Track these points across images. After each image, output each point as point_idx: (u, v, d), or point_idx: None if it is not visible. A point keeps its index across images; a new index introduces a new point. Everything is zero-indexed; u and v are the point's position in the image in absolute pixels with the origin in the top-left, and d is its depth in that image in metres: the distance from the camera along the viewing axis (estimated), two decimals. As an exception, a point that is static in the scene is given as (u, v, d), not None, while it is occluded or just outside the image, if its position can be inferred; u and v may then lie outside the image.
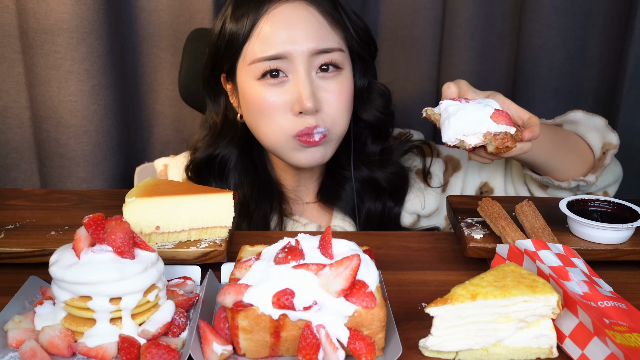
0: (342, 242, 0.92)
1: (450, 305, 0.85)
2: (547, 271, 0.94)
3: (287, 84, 1.31)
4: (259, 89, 1.32)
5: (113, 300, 0.87)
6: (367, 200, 1.49)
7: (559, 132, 1.40)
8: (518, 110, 1.20)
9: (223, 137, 1.46)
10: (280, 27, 1.29)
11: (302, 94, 1.28)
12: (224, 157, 1.46)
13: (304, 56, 1.29)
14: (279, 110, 1.31)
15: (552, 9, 1.95)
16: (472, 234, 1.15)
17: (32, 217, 1.21)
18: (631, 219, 1.13)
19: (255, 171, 1.47)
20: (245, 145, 1.47)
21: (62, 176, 1.94)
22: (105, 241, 0.89)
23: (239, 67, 1.35)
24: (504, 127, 1.13)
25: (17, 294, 0.98)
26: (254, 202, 1.44)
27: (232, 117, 1.46)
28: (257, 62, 1.30)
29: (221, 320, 0.89)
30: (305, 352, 0.83)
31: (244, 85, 1.35)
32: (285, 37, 1.29)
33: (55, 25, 1.78)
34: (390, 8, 2.14)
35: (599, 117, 1.43)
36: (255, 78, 1.32)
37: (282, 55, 1.29)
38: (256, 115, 1.35)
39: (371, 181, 1.49)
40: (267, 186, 1.47)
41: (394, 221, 1.51)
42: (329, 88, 1.33)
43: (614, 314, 0.89)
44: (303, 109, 1.28)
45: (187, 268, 1.07)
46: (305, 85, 1.29)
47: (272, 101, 1.31)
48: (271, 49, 1.29)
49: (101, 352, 0.86)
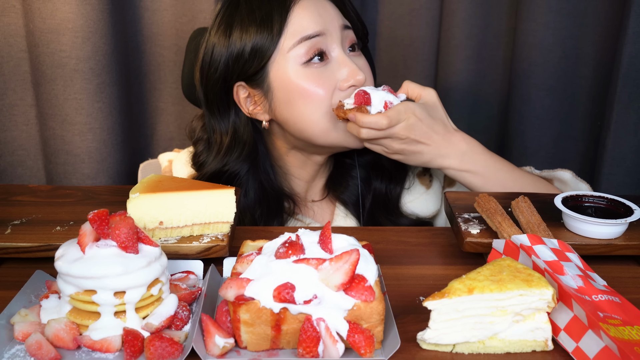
0: (342, 237, 0.92)
1: (447, 299, 0.86)
2: (543, 265, 0.94)
3: (330, 65, 1.35)
4: (304, 73, 1.33)
5: (117, 294, 0.87)
6: (373, 182, 1.50)
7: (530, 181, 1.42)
8: (392, 108, 1.29)
9: (231, 153, 1.42)
10: (311, 11, 1.33)
11: (353, 68, 1.33)
12: (232, 173, 1.42)
13: (337, 31, 1.35)
14: (329, 91, 1.33)
15: (547, 8, 1.96)
16: (469, 229, 1.15)
17: (38, 212, 1.21)
18: (625, 215, 1.13)
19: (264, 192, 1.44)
20: (254, 160, 1.44)
21: (67, 172, 1.95)
22: (109, 236, 0.89)
23: (273, 63, 1.34)
24: (348, 100, 1.31)
25: (24, 288, 0.98)
26: (262, 222, 1.43)
27: (242, 131, 1.42)
28: (296, 45, 1.32)
29: (223, 313, 0.89)
30: (305, 344, 0.84)
31: (284, 77, 1.34)
32: (319, 18, 1.33)
33: (60, 25, 1.79)
34: (388, 8, 2.15)
35: (585, 185, 1.44)
36: (298, 64, 1.32)
37: (320, 32, 1.33)
38: (302, 104, 1.34)
39: (375, 164, 1.50)
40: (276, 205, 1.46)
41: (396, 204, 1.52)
42: (361, 64, 1.39)
43: (608, 307, 0.89)
44: (357, 81, 1.33)
45: (190, 262, 1.07)
46: (349, 60, 1.35)
47: (320, 82, 1.33)
48: (308, 29, 1.32)
49: (106, 344, 0.86)
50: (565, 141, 2.13)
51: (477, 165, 1.36)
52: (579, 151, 2.14)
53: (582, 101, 2.08)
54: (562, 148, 2.13)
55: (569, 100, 2.07)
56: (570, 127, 2.12)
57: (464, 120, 2.22)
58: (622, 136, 1.89)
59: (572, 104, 2.08)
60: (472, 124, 2.23)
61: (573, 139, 2.13)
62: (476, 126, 2.24)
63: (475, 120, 2.24)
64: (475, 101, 2.22)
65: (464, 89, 2.19)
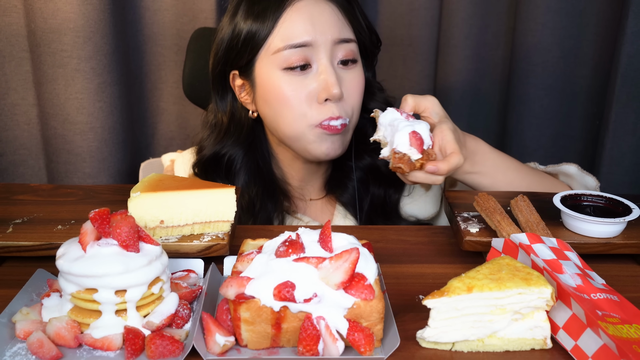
0: (342, 235, 0.92)
1: (447, 298, 0.86)
2: (542, 264, 0.95)
3: (311, 74, 1.34)
4: (284, 78, 1.33)
5: (118, 292, 0.87)
6: (371, 187, 1.50)
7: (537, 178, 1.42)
8: (445, 142, 1.20)
9: (229, 136, 1.47)
10: (305, 18, 1.32)
11: (329, 81, 1.31)
12: (230, 157, 1.46)
13: (327, 45, 1.33)
14: (303, 100, 1.33)
15: (546, 8, 1.96)
16: (468, 228, 1.15)
17: (39, 211, 1.21)
18: (623, 214, 1.14)
19: (260, 172, 1.48)
20: (250, 145, 1.47)
21: (68, 172, 1.95)
22: (110, 235, 0.90)
23: (260, 59, 1.36)
24: (407, 149, 1.16)
25: (25, 287, 0.99)
26: (259, 203, 1.45)
27: (239, 116, 1.46)
28: (282, 50, 1.32)
29: (224, 312, 0.89)
30: (305, 343, 0.84)
31: (265, 77, 1.35)
32: (310, 27, 1.32)
33: (62, 25, 1.79)
34: (388, 8, 2.15)
35: (592, 178, 1.43)
36: (279, 68, 1.33)
37: (308, 43, 1.32)
38: (277, 106, 1.35)
39: (373, 169, 1.50)
40: (271, 186, 1.48)
41: (394, 208, 1.52)
42: (349, 79, 1.37)
43: (606, 306, 0.89)
44: (331, 95, 1.31)
45: (191, 261, 1.07)
46: (330, 72, 1.32)
47: (297, 90, 1.33)
48: (297, 37, 1.32)
49: (107, 343, 0.86)
50: (564, 140, 2.14)
51: (487, 165, 1.35)
52: (577, 150, 2.15)
53: (580, 101, 2.08)
54: (561, 147, 2.14)
55: (568, 100, 2.08)
56: (569, 127, 2.12)
57: (463, 119, 2.23)
58: (621, 135, 1.89)
59: (571, 103, 2.08)
60: (471, 124, 2.24)
61: (572, 138, 2.14)
62: (475, 125, 2.24)
63: (474, 120, 2.25)
64: (474, 101, 2.23)
65: (463, 89, 2.20)
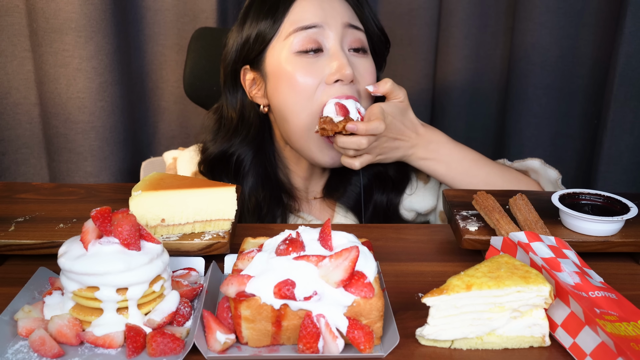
0: (342, 234, 0.92)
1: (446, 296, 0.86)
2: (540, 262, 0.95)
3: (322, 57, 1.36)
4: (295, 60, 1.35)
5: (120, 290, 0.87)
6: (375, 193, 1.51)
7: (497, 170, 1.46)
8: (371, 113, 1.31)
9: (237, 134, 1.47)
10: (315, 4, 1.36)
11: (341, 62, 1.34)
12: (239, 157, 1.46)
13: (338, 27, 1.36)
14: (314, 83, 1.35)
15: (545, 8, 1.97)
16: (467, 227, 1.16)
17: (41, 210, 1.22)
18: (621, 212, 1.14)
19: (267, 177, 1.48)
20: (259, 147, 1.48)
21: (70, 170, 1.96)
22: (112, 233, 0.90)
23: (271, 48, 1.39)
24: (333, 115, 1.27)
25: (27, 285, 0.99)
26: (266, 207, 1.45)
27: (248, 113, 1.47)
28: (293, 34, 1.35)
29: (224, 309, 0.89)
30: (305, 340, 0.84)
31: (276, 62, 1.38)
32: (320, 11, 1.35)
33: (63, 24, 1.79)
34: (387, 8, 2.16)
35: (554, 170, 1.48)
36: (291, 52, 1.35)
37: (318, 24, 1.35)
38: (287, 91, 1.37)
39: (380, 174, 1.51)
40: (278, 190, 1.49)
41: (395, 211, 1.53)
42: (361, 65, 1.40)
43: (604, 303, 0.89)
44: (343, 76, 1.33)
45: (192, 259, 1.07)
46: (342, 55, 1.35)
47: (309, 72, 1.35)
48: (306, 20, 1.35)
49: (108, 340, 0.87)
50: (563, 139, 2.14)
51: (441, 154, 1.42)
52: (576, 149, 2.15)
53: (579, 100, 2.09)
54: (559, 146, 2.14)
55: (566, 99, 2.08)
56: (567, 126, 2.13)
57: (461, 118, 2.23)
58: (619, 134, 1.90)
59: (569, 102, 2.09)
60: (470, 123, 2.24)
61: (570, 137, 2.14)
62: (474, 124, 2.25)
63: (473, 119, 2.25)
64: (473, 100, 2.23)
65: (462, 88, 2.20)
